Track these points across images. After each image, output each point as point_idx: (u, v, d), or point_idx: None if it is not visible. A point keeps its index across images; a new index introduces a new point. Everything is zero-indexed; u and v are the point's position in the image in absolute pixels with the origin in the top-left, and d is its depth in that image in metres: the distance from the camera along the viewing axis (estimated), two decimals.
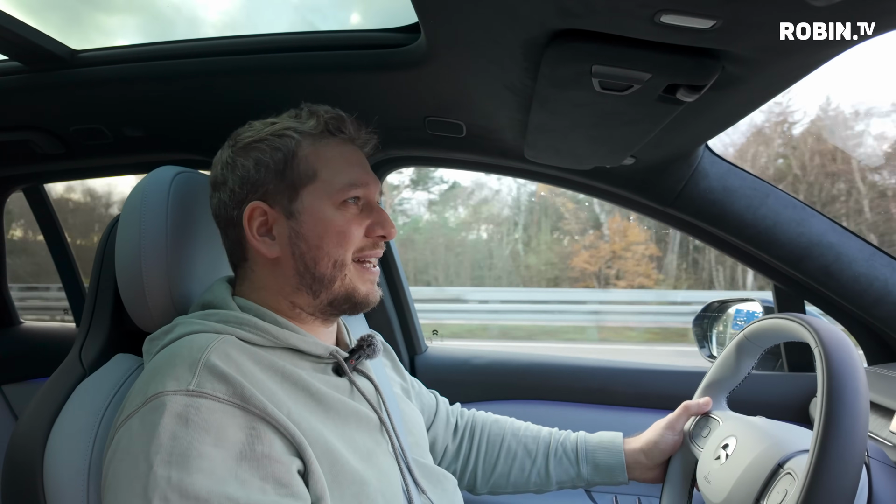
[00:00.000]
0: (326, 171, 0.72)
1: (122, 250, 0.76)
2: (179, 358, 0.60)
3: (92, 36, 1.00)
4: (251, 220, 0.71)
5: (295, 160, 0.71)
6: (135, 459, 0.54)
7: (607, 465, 0.93)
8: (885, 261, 1.05)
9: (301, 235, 0.71)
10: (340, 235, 0.71)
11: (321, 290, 0.72)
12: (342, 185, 0.72)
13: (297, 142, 0.72)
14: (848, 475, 0.57)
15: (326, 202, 0.72)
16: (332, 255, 0.71)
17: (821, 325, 0.67)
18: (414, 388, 0.99)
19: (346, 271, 0.72)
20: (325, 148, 0.73)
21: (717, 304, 1.44)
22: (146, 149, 1.22)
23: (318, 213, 0.71)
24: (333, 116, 0.75)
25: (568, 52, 0.57)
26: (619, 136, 0.81)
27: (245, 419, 0.58)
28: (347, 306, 0.74)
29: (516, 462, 0.97)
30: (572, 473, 0.94)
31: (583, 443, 0.96)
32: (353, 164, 0.75)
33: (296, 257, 0.71)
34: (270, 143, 0.72)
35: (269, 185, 0.71)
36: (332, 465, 0.62)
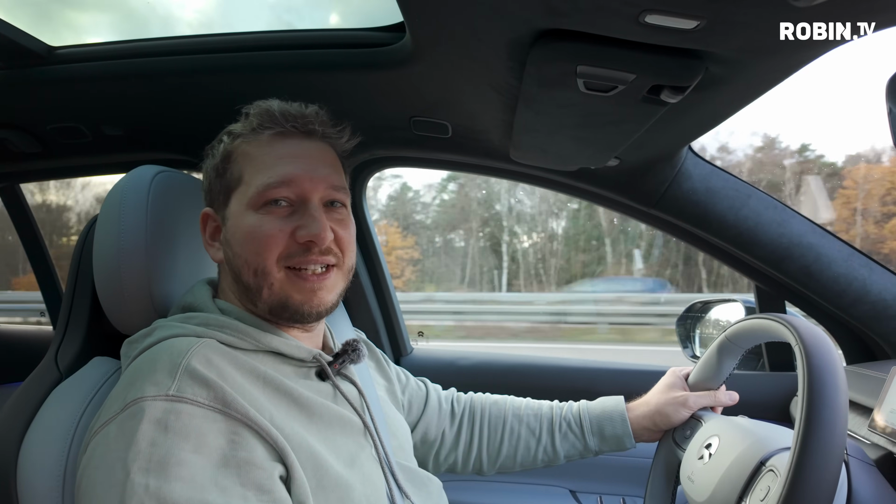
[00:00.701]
0: (249, 172, 0.68)
1: (100, 251, 0.74)
2: (159, 362, 0.59)
3: (63, 34, 0.98)
4: (205, 226, 0.73)
5: (229, 164, 0.70)
6: (111, 467, 0.52)
7: (614, 436, 0.94)
8: (862, 261, 1.06)
9: (228, 242, 0.70)
10: (257, 242, 0.66)
11: (255, 297, 0.68)
12: (259, 187, 0.66)
13: (228, 144, 0.71)
14: (828, 471, 0.57)
15: (245, 206, 0.67)
16: (251, 263, 0.66)
17: (801, 325, 0.68)
18: (401, 382, 0.98)
19: (271, 279, 0.66)
20: (255, 147, 0.69)
21: (700, 304, 1.45)
22: (126, 148, 1.20)
23: (239, 218, 0.68)
24: (262, 111, 0.69)
25: (553, 51, 0.57)
26: (604, 136, 0.81)
27: (226, 424, 0.56)
28: (287, 315, 0.68)
29: (521, 442, 0.96)
30: (579, 447, 0.95)
31: (586, 414, 0.95)
32: (282, 160, 0.68)
33: (230, 264, 0.70)
34: (215, 147, 0.73)
35: (214, 190, 0.72)
36: (316, 470, 0.61)
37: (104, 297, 0.75)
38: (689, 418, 0.90)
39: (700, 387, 0.93)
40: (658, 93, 0.62)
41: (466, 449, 0.98)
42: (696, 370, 0.93)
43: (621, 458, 1.29)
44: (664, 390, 0.93)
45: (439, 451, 0.98)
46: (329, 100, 0.95)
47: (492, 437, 0.98)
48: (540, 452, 0.96)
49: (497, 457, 0.97)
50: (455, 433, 0.99)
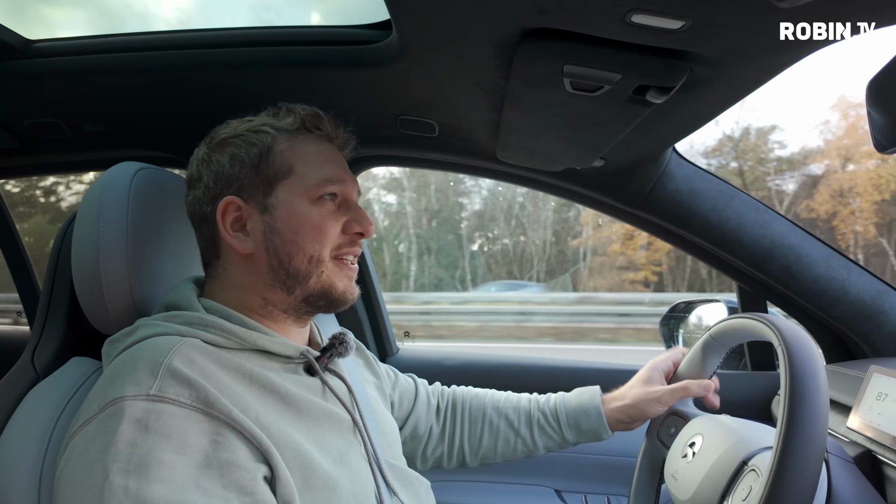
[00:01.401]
0: (302, 167, 0.71)
1: (79, 249, 0.73)
2: (141, 361, 0.57)
3: (36, 29, 0.96)
4: (225, 216, 0.70)
5: (270, 155, 0.71)
6: (90, 468, 0.51)
7: (590, 429, 0.95)
8: (841, 262, 1.08)
9: (275, 230, 0.70)
10: (316, 230, 0.70)
11: (295, 286, 0.71)
12: (317, 180, 0.71)
13: (273, 137, 0.71)
14: (809, 470, 0.58)
15: (302, 197, 0.71)
16: (308, 251, 0.70)
17: (783, 325, 0.69)
18: (390, 379, 0.98)
19: (322, 267, 0.71)
20: (301, 144, 0.73)
21: (684, 304, 1.47)
22: (107, 145, 1.17)
23: (293, 207, 0.70)
24: (310, 113, 0.74)
25: (540, 50, 0.57)
26: (590, 137, 0.82)
27: (209, 425, 0.55)
28: (323, 303, 0.73)
29: (500, 436, 0.98)
30: (557, 439, 0.97)
31: (563, 409, 0.97)
32: (329, 161, 0.74)
33: (269, 252, 0.70)
34: (246, 138, 0.71)
35: (244, 179, 0.70)
36: (303, 469, 0.60)
37: (83, 296, 0.74)
38: (672, 415, 0.91)
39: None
40: (643, 93, 0.62)
41: (450, 442, 1.00)
42: (681, 368, 0.94)
43: (606, 458, 1.30)
44: (640, 385, 0.94)
45: (427, 446, 1.00)
46: (315, 97, 0.94)
47: (472, 431, 0.99)
48: (519, 445, 0.97)
49: (479, 449, 0.99)
50: (440, 428, 1.01)
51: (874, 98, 0.52)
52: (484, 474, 1.32)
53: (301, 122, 0.73)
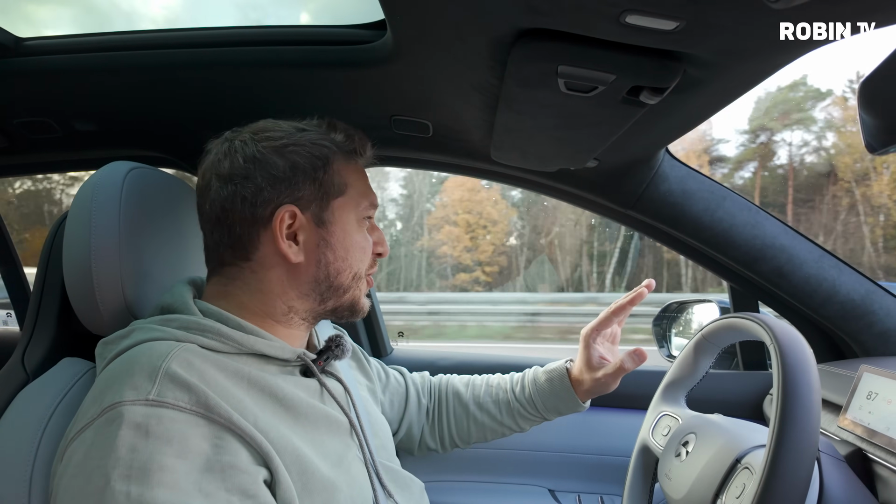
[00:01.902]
0: (354, 188, 0.74)
1: (71, 249, 0.72)
2: (138, 366, 0.57)
3: (21, 27, 0.95)
4: (281, 223, 0.69)
5: (330, 171, 0.72)
6: (89, 475, 0.51)
7: (568, 408, 0.98)
8: (832, 262, 1.09)
9: (330, 245, 0.72)
10: (363, 250, 0.75)
11: (331, 297, 0.74)
12: (367, 204, 0.76)
13: (333, 153, 0.73)
14: (802, 468, 0.58)
15: (352, 216, 0.74)
16: (354, 268, 0.74)
17: (776, 324, 0.69)
18: (381, 381, 0.99)
19: (360, 283, 0.76)
20: (353, 165, 0.76)
21: (676, 304, 1.48)
22: (99, 144, 1.16)
23: (348, 225, 0.73)
24: (362, 139, 0.78)
25: (534, 51, 0.57)
26: (584, 137, 0.82)
27: (209, 429, 0.55)
28: (348, 313, 0.77)
29: (487, 428, 1.03)
30: (538, 420, 1.02)
31: (538, 397, 0.99)
32: (369, 186, 0.78)
33: (319, 265, 0.71)
34: (309, 149, 0.71)
35: (304, 190, 0.70)
36: (302, 473, 0.60)
37: (74, 297, 0.73)
38: (666, 415, 0.92)
39: (677, 385, 0.94)
40: (637, 94, 0.62)
41: (440, 437, 1.04)
42: (674, 368, 0.94)
43: (600, 458, 1.30)
44: (587, 370, 0.95)
45: (421, 441, 1.04)
46: (309, 97, 0.94)
47: (460, 427, 1.04)
48: (506, 431, 1.03)
49: (469, 439, 1.04)
50: (430, 427, 1.04)
51: (866, 100, 0.52)
52: (478, 474, 1.32)
53: (356, 146, 0.76)
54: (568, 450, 1.32)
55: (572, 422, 1.33)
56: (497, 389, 1.03)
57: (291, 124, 0.73)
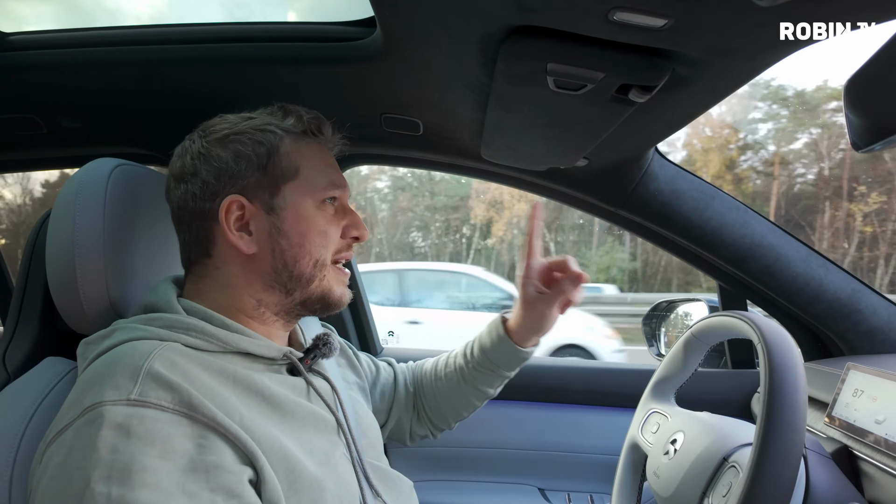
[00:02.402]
0: (308, 169, 0.71)
1: (54, 247, 0.71)
2: (120, 365, 0.56)
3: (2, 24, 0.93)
4: (228, 214, 0.68)
5: (277, 156, 0.70)
6: (69, 477, 0.50)
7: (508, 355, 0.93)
8: (819, 261, 1.10)
9: (283, 232, 0.69)
10: (322, 235, 0.71)
11: (296, 288, 0.71)
12: (323, 184, 0.72)
13: (280, 137, 0.71)
14: (788, 466, 0.59)
15: (308, 200, 0.71)
16: (314, 255, 0.71)
17: (763, 323, 0.70)
18: (371, 374, 0.98)
19: (325, 272, 0.72)
20: (306, 147, 0.73)
21: (665, 303, 1.49)
22: (86, 141, 1.15)
23: (301, 210, 0.70)
24: (314, 117, 0.74)
25: (524, 48, 0.57)
26: (573, 136, 0.82)
27: (193, 429, 0.54)
28: (319, 307, 0.74)
29: (454, 399, 1.00)
30: (499, 381, 0.98)
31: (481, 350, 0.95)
32: (330, 166, 0.75)
33: (275, 254, 0.69)
34: (252, 136, 0.70)
35: (250, 178, 0.69)
36: (289, 472, 0.60)
37: (58, 295, 0.72)
38: (654, 413, 0.92)
39: (666, 383, 0.95)
40: (626, 92, 0.62)
41: (427, 423, 1.03)
42: (663, 366, 0.95)
43: (589, 456, 1.31)
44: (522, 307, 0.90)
45: (412, 430, 1.03)
46: (297, 94, 0.94)
47: (431, 404, 1.02)
48: (472, 398, 0.99)
49: (444, 415, 1.02)
50: (416, 415, 1.04)
51: (851, 99, 0.52)
52: (468, 473, 1.32)
53: (306, 126, 0.73)
54: (558, 448, 1.32)
55: (562, 420, 1.33)
56: (455, 356, 1.01)
57: (241, 115, 0.73)
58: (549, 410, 1.34)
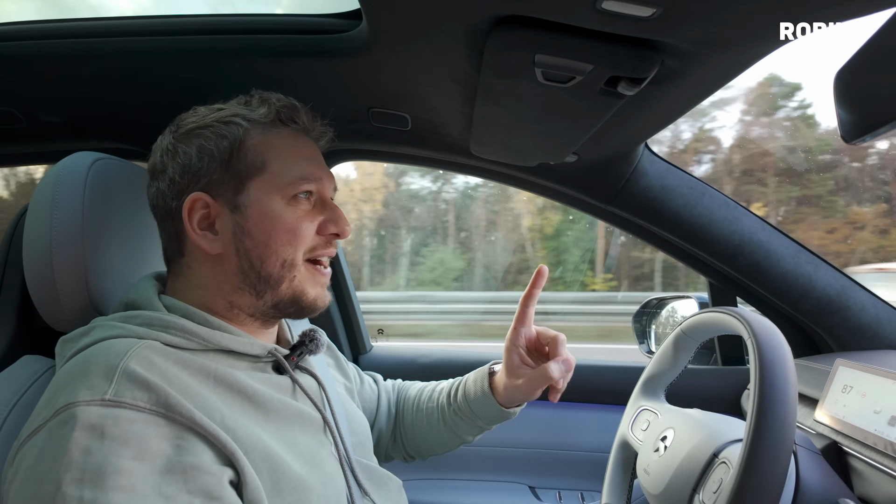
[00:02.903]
0: (276, 163, 0.67)
1: (31, 243, 0.69)
2: (94, 364, 0.54)
3: None
4: (191, 213, 0.66)
5: (242, 149, 0.66)
6: (40, 480, 0.48)
7: (495, 418, 0.89)
8: (808, 258, 1.10)
9: (247, 231, 0.66)
10: (290, 233, 0.67)
11: (266, 290, 0.67)
12: (293, 178, 0.67)
13: (246, 129, 0.67)
14: (779, 462, 0.58)
15: (276, 196, 0.67)
16: (281, 254, 0.66)
17: (753, 318, 0.69)
18: (356, 386, 0.96)
19: (295, 272, 0.68)
20: (276, 138, 0.69)
21: (656, 301, 1.48)
22: (66, 136, 1.13)
23: (267, 207, 0.66)
24: (286, 105, 0.70)
25: (511, 39, 0.56)
26: (562, 131, 0.81)
27: (170, 429, 0.53)
28: (293, 310, 0.70)
29: (437, 443, 0.96)
30: (476, 431, 0.92)
31: (471, 415, 0.90)
32: (305, 157, 0.70)
33: (240, 254, 0.66)
34: (216, 129, 0.67)
35: (213, 175, 0.66)
36: (273, 472, 0.58)
37: (35, 292, 0.70)
38: (645, 410, 0.91)
39: (657, 380, 0.94)
40: (615, 85, 0.62)
41: (402, 447, 0.99)
42: (653, 363, 0.94)
43: (579, 454, 1.30)
44: (506, 375, 0.85)
45: (387, 450, 1.00)
46: (284, 88, 0.92)
47: (407, 434, 0.98)
48: (453, 444, 0.95)
49: (416, 448, 0.98)
50: (393, 438, 1.00)
51: (839, 93, 0.52)
52: (457, 472, 1.31)
53: (276, 114, 0.69)
54: (548, 446, 1.31)
55: (553, 418, 1.32)
56: (440, 392, 0.96)
57: (211, 106, 0.70)
58: (539, 409, 1.33)
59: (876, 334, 1.09)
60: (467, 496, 1.29)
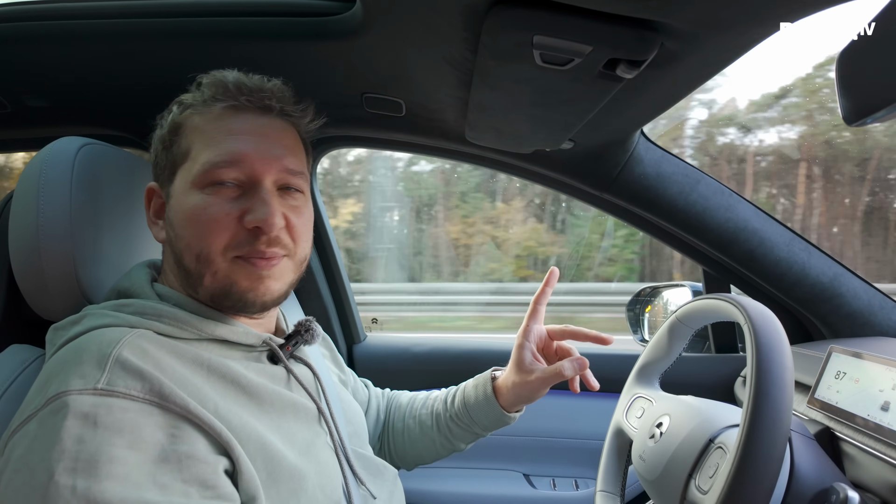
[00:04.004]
0: (196, 147, 0.62)
1: (17, 230, 0.68)
2: (87, 353, 0.53)
3: None
4: (150, 202, 0.69)
5: (177, 136, 0.65)
6: (32, 470, 0.47)
7: (495, 422, 0.88)
8: (802, 245, 1.10)
9: (171, 222, 0.64)
10: (201, 225, 0.60)
11: (196, 283, 0.63)
12: (203, 165, 0.61)
13: (180, 115, 0.65)
14: (775, 447, 0.58)
15: (190, 184, 0.62)
16: (194, 248, 0.61)
17: (749, 304, 0.69)
18: (350, 383, 0.95)
19: (214, 267, 0.61)
20: (203, 119, 0.63)
21: (649, 289, 1.49)
22: (53, 122, 1.10)
23: (183, 197, 0.62)
24: (214, 81, 0.64)
25: (509, 19, 0.55)
26: (559, 116, 0.80)
27: (164, 418, 0.52)
28: (230, 303, 0.63)
29: (426, 449, 0.94)
30: (471, 438, 0.92)
31: (467, 416, 0.89)
32: (233, 136, 0.62)
33: (172, 245, 0.65)
34: (166, 118, 0.68)
35: (160, 164, 0.67)
36: (268, 461, 0.58)
37: (22, 280, 0.69)
38: (640, 397, 0.92)
39: (651, 367, 0.94)
40: (614, 68, 0.61)
41: (387, 455, 0.98)
42: (648, 351, 0.94)
43: (574, 441, 1.31)
44: (515, 372, 0.85)
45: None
46: (275, 72, 0.90)
47: (397, 441, 0.97)
48: (445, 451, 0.94)
49: (405, 457, 0.97)
50: (379, 445, 0.99)
51: (842, 75, 0.52)
52: (452, 460, 1.30)
53: (210, 94, 0.64)
54: (543, 434, 1.32)
55: (547, 407, 1.33)
56: (435, 399, 0.95)
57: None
58: None
59: (868, 321, 1.10)
60: (461, 484, 1.29)
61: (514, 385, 0.84)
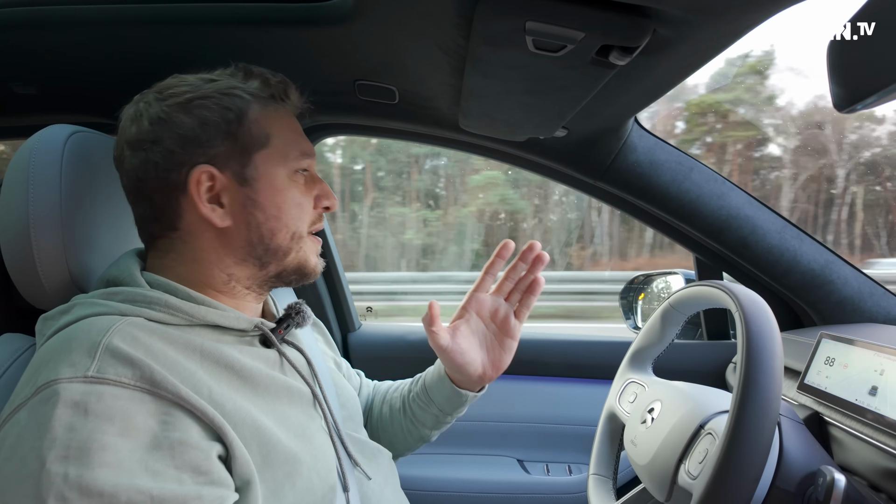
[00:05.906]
0: (279, 138, 0.68)
1: (7, 218, 0.67)
2: (76, 341, 0.53)
3: None
4: (199, 185, 0.64)
5: (246, 122, 0.65)
6: (23, 458, 0.47)
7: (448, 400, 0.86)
8: (794, 233, 1.11)
9: (258, 204, 0.66)
10: (299, 207, 0.69)
11: (271, 261, 0.69)
12: (297, 155, 0.69)
13: (248, 102, 0.66)
14: (763, 433, 0.59)
15: (281, 170, 0.68)
16: (291, 227, 0.68)
17: (740, 291, 0.70)
18: (342, 370, 0.96)
19: (301, 243, 0.70)
20: (275, 113, 0.69)
21: (642, 277, 1.49)
22: (41, 109, 1.09)
23: (275, 181, 0.67)
24: (281, 81, 0.70)
25: (501, 5, 0.55)
26: (552, 103, 0.80)
27: (156, 405, 0.52)
28: (296, 277, 0.72)
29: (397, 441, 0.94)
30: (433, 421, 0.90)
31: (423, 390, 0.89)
32: (300, 134, 0.71)
33: (251, 228, 0.66)
34: (218, 101, 0.64)
35: (219, 147, 0.64)
36: (262, 445, 0.58)
37: (13, 269, 0.68)
38: (632, 382, 0.92)
39: (644, 353, 0.95)
40: (607, 55, 0.60)
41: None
42: (641, 337, 0.95)
43: (567, 427, 1.32)
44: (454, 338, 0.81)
45: None
46: (266, 58, 0.90)
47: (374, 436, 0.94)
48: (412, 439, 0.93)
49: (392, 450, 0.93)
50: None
51: (832, 63, 0.52)
52: (446, 446, 1.32)
53: (273, 90, 0.69)
54: (536, 420, 1.33)
55: (541, 393, 1.34)
56: (403, 384, 0.96)
57: (200, 76, 0.67)
58: (527, 383, 1.35)
59: (858, 308, 1.11)
60: (456, 469, 1.31)
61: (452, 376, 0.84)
